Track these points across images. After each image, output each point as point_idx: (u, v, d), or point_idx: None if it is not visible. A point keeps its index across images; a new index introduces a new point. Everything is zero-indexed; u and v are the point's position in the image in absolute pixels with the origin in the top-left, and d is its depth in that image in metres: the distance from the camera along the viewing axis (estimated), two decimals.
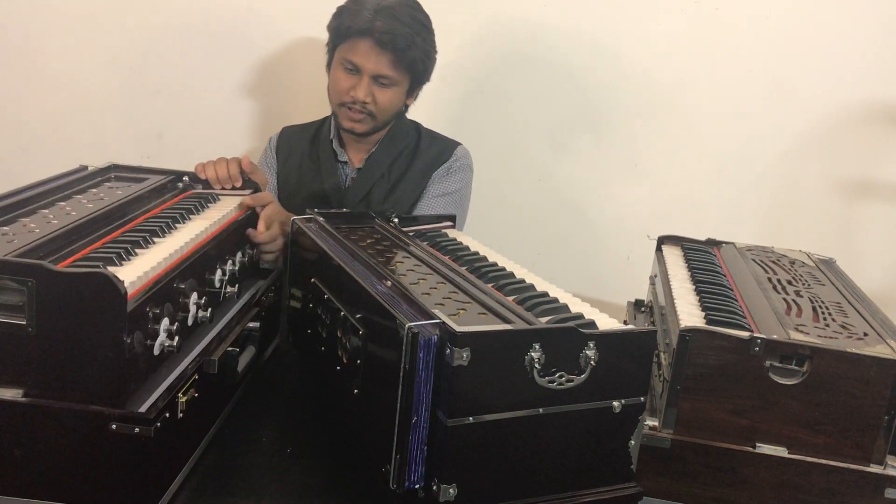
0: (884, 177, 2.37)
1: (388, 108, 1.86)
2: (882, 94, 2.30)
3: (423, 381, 1.00)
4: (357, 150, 1.97)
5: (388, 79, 1.81)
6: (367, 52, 1.79)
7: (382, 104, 1.84)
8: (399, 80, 1.84)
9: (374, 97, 1.82)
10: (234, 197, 1.64)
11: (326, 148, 1.96)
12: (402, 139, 1.97)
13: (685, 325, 1.23)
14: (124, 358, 1.05)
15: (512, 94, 2.33)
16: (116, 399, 1.05)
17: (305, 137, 2.00)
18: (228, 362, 1.33)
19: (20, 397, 1.04)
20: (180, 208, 1.47)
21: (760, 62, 2.29)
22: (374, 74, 1.80)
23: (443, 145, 2.00)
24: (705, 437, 1.24)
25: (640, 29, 2.28)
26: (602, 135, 2.37)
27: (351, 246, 1.37)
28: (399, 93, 1.87)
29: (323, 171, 1.94)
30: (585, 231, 2.43)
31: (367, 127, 1.87)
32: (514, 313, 1.12)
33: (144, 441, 1.04)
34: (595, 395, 1.08)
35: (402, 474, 1.02)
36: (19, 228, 1.21)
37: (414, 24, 1.80)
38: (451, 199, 1.94)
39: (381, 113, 1.85)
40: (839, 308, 1.45)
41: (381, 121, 1.88)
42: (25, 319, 1.03)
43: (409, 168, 1.94)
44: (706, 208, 2.39)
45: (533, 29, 2.28)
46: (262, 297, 1.54)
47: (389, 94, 1.84)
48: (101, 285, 1.02)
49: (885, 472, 1.21)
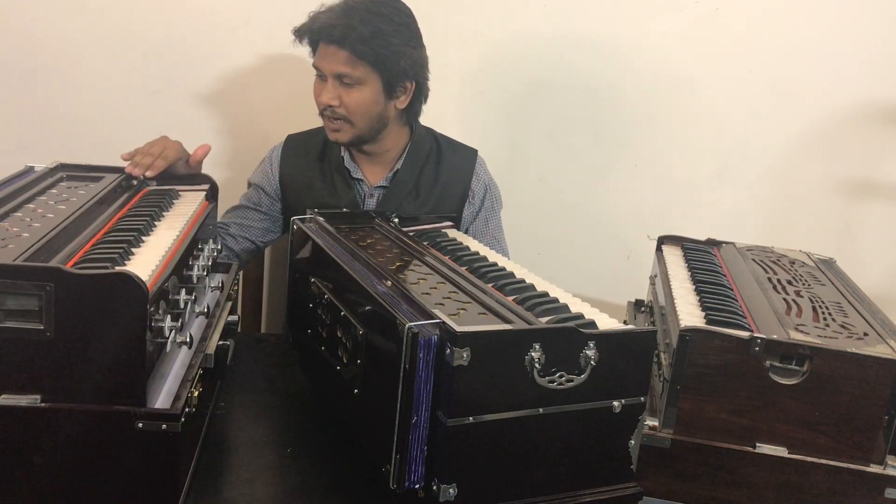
0: (884, 177, 2.37)
1: (359, 110, 1.77)
2: (882, 94, 2.30)
3: (424, 380, 1.00)
4: (371, 166, 1.91)
5: (350, 77, 1.74)
6: (325, 53, 1.75)
7: (350, 106, 1.76)
8: (363, 77, 1.74)
9: (341, 99, 1.76)
10: (195, 192, 1.65)
11: (339, 167, 1.89)
12: (422, 150, 1.92)
13: (685, 325, 1.23)
14: (146, 355, 1.05)
15: (512, 94, 2.33)
16: (139, 397, 1.05)
17: (313, 153, 1.93)
18: (222, 356, 1.35)
19: (38, 403, 1.03)
20: (150, 206, 1.47)
21: (760, 62, 2.29)
22: (334, 74, 1.74)
23: (463, 152, 1.97)
24: (705, 437, 1.24)
25: (640, 29, 2.28)
26: (602, 135, 2.37)
27: (351, 246, 1.37)
28: (369, 92, 1.76)
29: (339, 193, 1.88)
30: (585, 231, 2.43)
31: (348, 135, 1.80)
32: (515, 313, 1.12)
33: (172, 437, 1.04)
34: (595, 394, 1.08)
35: (402, 474, 1.02)
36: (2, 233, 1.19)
37: (372, 17, 1.72)
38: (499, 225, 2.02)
39: (354, 116, 1.77)
40: (839, 308, 1.45)
41: (362, 126, 1.80)
42: (43, 324, 1.02)
43: (437, 180, 1.91)
44: (706, 208, 2.39)
45: (533, 29, 2.28)
46: (231, 291, 1.56)
47: (356, 95, 1.75)
48: (123, 285, 1.02)
49: (885, 472, 1.21)
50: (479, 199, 1.96)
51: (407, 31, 1.79)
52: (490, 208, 1.98)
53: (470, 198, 1.95)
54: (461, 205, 1.94)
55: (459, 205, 1.94)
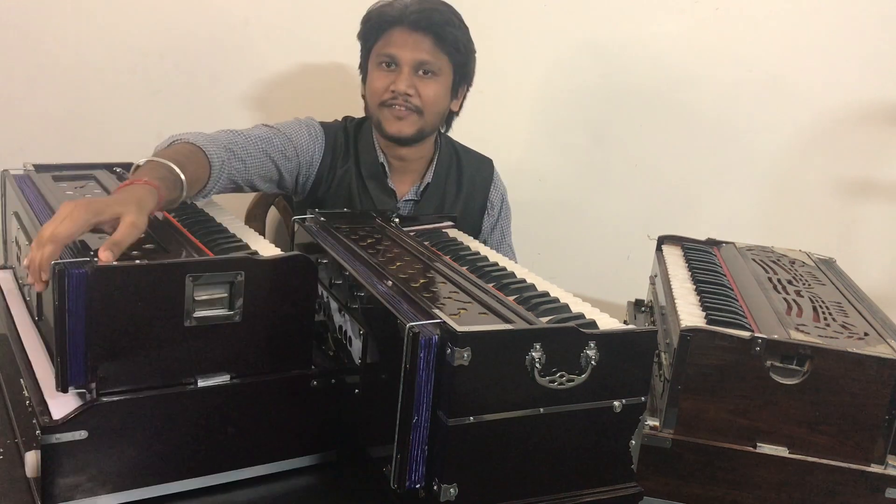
0: (884, 177, 2.37)
1: (433, 104, 1.71)
2: (882, 94, 2.30)
3: (424, 380, 1.00)
4: (401, 175, 1.83)
5: (430, 65, 1.68)
6: (404, 39, 1.67)
7: (427, 97, 1.69)
8: (442, 68, 1.70)
9: (417, 89, 1.68)
10: None
11: (375, 173, 1.79)
12: (445, 161, 1.87)
13: (686, 325, 1.23)
14: (313, 324, 1.21)
15: (512, 94, 2.33)
16: (308, 361, 1.20)
17: (351, 154, 1.80)
18: None
19: (228, 381, 1.13)
20: None
21: (760, 62, 2.29)
22: (414, 62, 1.67)
23: (478, 161, 1.94)
24: (706, 437, 1.24)
25: (640, 29, 2.28)
26: (602, 134, 2.37)
27: (352, 246, 1.37)
28: (443, 86, 1.72)
29: (376, 201, 1.79)
30: (585, 231, 2.43)
31: (413, 128, 1.71)
32: (515, 313, 1.12)
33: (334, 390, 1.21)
34: (596, 394, 1.08)
35: (403, 474, 1.02)
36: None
37: (449, 9, 1.71)
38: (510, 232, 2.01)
39: (427, 109, 1.70)
40: (839, 308, 1.45)
41: (429, 121, 1.73)
42: (232, 310, 1.11)
43: (459, 193, 1.87)
44: (706, 208, 2.39)
45: (532, 29, 2.28)
46: None
47: (434, 87, 1.70)
48: (300, 264, 1.17)
49: (885, 472, 1.21)
50: (497, 211, 1.96)
51: (470, 34, 1.77)
52: (505, 218, 1.98)
53: (489, 209, 1.94)
54: (481, 217, 1.93)
55: (479, 217, 1.93)
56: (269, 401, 1.16)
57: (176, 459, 1.11)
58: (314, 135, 1.76)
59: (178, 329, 1.08)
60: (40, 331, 1.23)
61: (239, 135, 1.61)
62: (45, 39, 2.10)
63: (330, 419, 1.22)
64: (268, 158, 1.65)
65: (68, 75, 2.13)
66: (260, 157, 1.63)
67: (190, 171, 1.32)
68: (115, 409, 1.05)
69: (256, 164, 1.62)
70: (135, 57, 2.15)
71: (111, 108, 2.17)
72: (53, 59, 2.11)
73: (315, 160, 1.77)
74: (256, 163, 1.62)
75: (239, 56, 2.20)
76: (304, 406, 1.19)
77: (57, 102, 2.14)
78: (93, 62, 2.13)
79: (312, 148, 1.76)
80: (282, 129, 1.71)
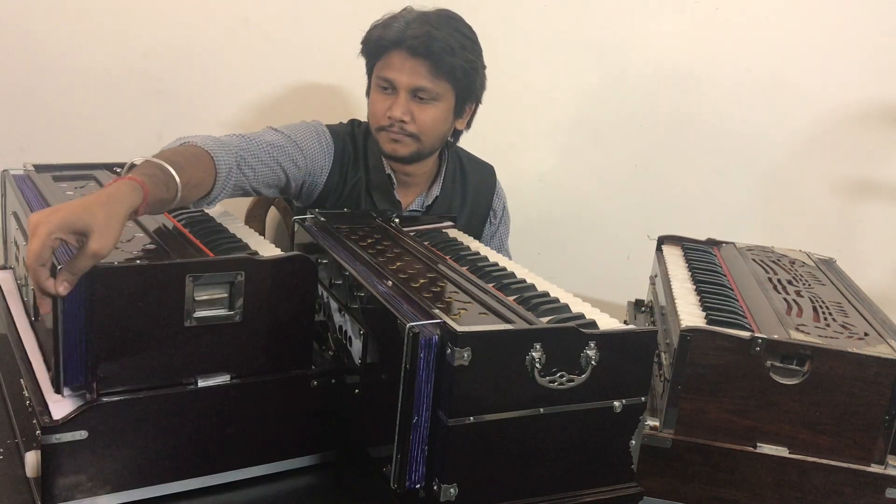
0: (884, 177, 2.37)
1: (431, 129, 1.67)
2: (882, 94, 2.30)
3: (424, 380, 1.00)
4: (405, 188, 1.80)
5: (427, 92, 1.63)
6: (401, 63, 1.62)
7: (424, 123, 1.65)
8: (440, 93, 1.65)
9: (413, 115, 1.64)
10: None
11: (382, 184, 1.75)
12: (451, 172, 1.84)
13: (686, 325, 1.23)
14: (313, 324, 1.21)
15: (512, 94, 2.32)
16: (308, 361, 1.20)
17: (360, 164, 1.76)
18: None
19: (228, 381, 1.13)
20: None
21: (760, 62, 2.29)
22: (410, 88, 1.63)
23: (483, 169, 1.92)
24: (706, 437, 1.24)
25: (640, 29, 2.28)
26: (602, 135, 2.37)
27: (352, 246, 1.37)
28: (443, 110, 1.67)
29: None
30: (585, 231, 2.43)
31: (410, 149, 1.68)
32: (515, 313, 1.12)
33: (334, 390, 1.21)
34: (596, 394, 1.08)
35: (403, 474, 1.02)
36: None
37: (452, 31, 1.63)
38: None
39: (424, 134, 1.66)
40: (839, 308, 1.45)
41: (427, 145, 1.69)
42: (233, 310, 1.11)
43: (464, 202, 1.86)
44: (706, 208, 2.39)
45: (532, 28, 2.28)
46: None
47: (431, 112, 1.65)
48: (300, 264, 1.17)
49: (885, 472, 1.21)
50: (499, 219, 1.95)
51: (479, 49, 1.71)
52: (505, 226, 1.98)
53: (491, 217, 1.94)
54: (482, 225, 1.92)
55: (481, 225, 1.92)
56: (269, 401, 1.17)
57: (176, 459, 1.11)
58: (324, 143, 1.72)
59: (178, 329, 1.08)
60: (36, 332, 1.24)
61: (250, 140, 1.56)
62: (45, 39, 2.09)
63: (330, 419, 1.22)
64: (278, 166, 1.61)
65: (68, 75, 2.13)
66: (270, 164, 1.59)
67: (188, 173, 1.27)
68: (115, 410, 1.05)
69: (266, 171, 1.58)
70: (135, 57, 2.15)
71: (111, 108, 2.17)
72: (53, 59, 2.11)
73: (324, 169, 1.73)
74: (266, 170, 1.58)
75: (239, 56, 2.20)
76: (304, 406, 1.20)
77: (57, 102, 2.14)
78: (93, 62, 2.13)
79: (322, 157, 1.72)
80: (291, 136, 1.66)
